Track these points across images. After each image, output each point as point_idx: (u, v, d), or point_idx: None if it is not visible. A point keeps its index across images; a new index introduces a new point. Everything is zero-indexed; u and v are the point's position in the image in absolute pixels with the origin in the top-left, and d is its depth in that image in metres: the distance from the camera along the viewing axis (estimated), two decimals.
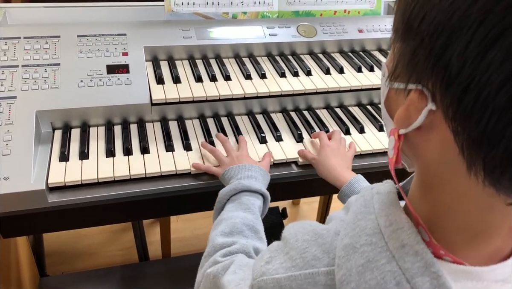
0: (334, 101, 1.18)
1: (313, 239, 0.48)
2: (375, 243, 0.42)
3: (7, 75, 0.97)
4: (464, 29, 0.32)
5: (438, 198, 0.41)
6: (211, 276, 0.63)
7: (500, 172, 0.33)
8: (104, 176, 0.89)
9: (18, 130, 0.90)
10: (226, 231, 0.72)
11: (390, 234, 0.41)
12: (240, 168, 0.86)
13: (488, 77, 0.31)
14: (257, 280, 0.49)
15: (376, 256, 0.41)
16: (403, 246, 0.40)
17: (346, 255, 0.43)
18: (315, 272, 0.45)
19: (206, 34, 1.18)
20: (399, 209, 0.43)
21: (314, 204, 2.12)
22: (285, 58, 1.22)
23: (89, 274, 1.57)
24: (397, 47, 0.40)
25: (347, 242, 0.44)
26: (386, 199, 0.45)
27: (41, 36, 1.05)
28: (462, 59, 0.32)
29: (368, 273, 0.41)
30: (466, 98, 0.32)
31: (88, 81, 1.00)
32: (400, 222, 0.42)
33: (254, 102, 1.11)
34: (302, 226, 0.51)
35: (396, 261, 0.40)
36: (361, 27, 1.31)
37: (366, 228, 0.43)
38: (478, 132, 0.33)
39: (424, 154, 0.41)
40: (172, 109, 1.06)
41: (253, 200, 0.80)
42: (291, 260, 0.48)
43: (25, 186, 0.82)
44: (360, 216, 0.45)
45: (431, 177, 0.42)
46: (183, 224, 2.00)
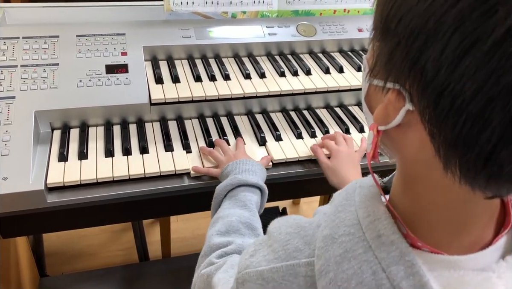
0: (334, 101, 1.18)
1: (296, 231, 0.49)
2: (353, 233, 0.43)
3: (6, 75, 0.97)
4: (439, 35, 0.32)
5: (418, 192, 0.42)
6: (205, 276, 0.63)
7: (474, 172, 0.34)
8: (103, 176, 0.88)
9: (17, 130, 0.89)
10: (222, 230, 0.72)
11: (368, 225, 0.42)
12: (237, 163, 0.86)
13: (462, 85, 0.31)
14: (241, 273, 0.50)
15: (354, 246, 0.42)
16: (379, 236, 0.41)
17: (325, 246, 0.44)
18: (296, 264, 0.46)
19: (205, 33, 1.18)
20: (378, 201, 0.44)
21: (314, 204, 2.12)
22: (285, 58, 1.22)
23: (89, 274, 1.57)
24: (376, 46, 0.40)
25: (326, 233, 0.45)
26: (367, 192, 0.46)
27: (40, 36, 1.05)
28: (437, 65, 0.32)
29: (346, 263, 0.41)
30: (441, 103, 0.33)
31: (87, 81, 1.00)
32: (377, 213, 0.43)
33: (254, 102, 1.11)
34: (286, 220, 0.52)
35: (372, 251, 0.41)
36: (360, 26, 1.31)
37: (345, 219, 0.44)
38: (453, 136, 0.33)
39: (403, 149, 0.41)
40: (171, 109, 1.05)
41: (250, 195, 0.80)
42: (274, 252, 0.48)
43: (24, 186, 0.82)
44: (341, 208, 0.46)
45: (411, 171, 0.42)
46: (183, 224, 1.99)
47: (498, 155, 0.32)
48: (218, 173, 0.90)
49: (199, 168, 0.92)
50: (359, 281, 0.40)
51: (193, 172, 0.92)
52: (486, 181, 0.34)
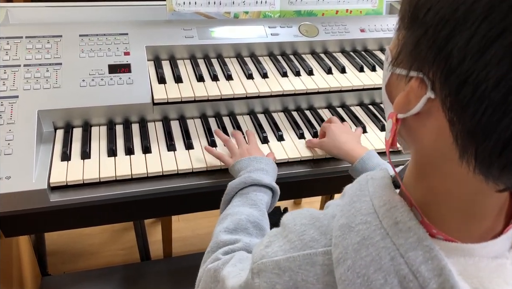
0: (336, 101, 1.18)
1: (311, 222, 0.50)
2: (370, 222, 0.43)
3: (9, 74, 0.97)
4: (467, 24, 0.33)
5: (431, 182, 0.43)
6: (211, 270, 0.63)
7: (489, 162, 0.35)
8: (106, 176, 0.88)
9: (20, 129, 0.90)
10: (230, 227, 0.72)
11: (384, 213, 0.43)
12: (251, 160, 0.86)
13: (486, 73, 0.32)
14: (256, 263, 0.50)
15: (371, 233, 0.43)
16: (396, 223, 0.42)
17: (342, 234, 0.44)
18: (313, 253, 0.47)
19: (207, 33, 1.18)
20: (392, 190, 0.45)
21: (315, 204, 2.12)
22: (287, 58, 1.22)
23: (90, 273, 1.58)
24: (402, 35, 0.41)
25: (343, 222, 0.45)
26: (381, 183, 0.47)
27: (43, 35, 1.05)
28: (463, 53, 0.33)
29: (364, 250, 0.42)
30: (464, 91, 0.34)
31: (90, 80, 1.00)
32: (393, 202, 0.43)
33: (256, 102, 1.11)
34: (300, 212, 0.53)
35: (390, 238, 0.41)
36: (363, 27, 1.31)
37: (361, 208, 0.45)
38: (473, 124, 0.34)
39: (420, 139, 0.42)
40: (173, 108, 1.06)
41: (261, 195, 0.80)
42: (290, 243, 0.49)
43: (27, 186, 0.82)
44: (356, 198, 0.47)
45: (426, 161, 0.43)
46: (184, 223, 1.99)
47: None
48: (229, 163, 0.90)
49: (212, 150, 0.93)
50: (378, 268, 0.41)
51: (206, 151, 0.93)
52: (500, 170, 0.35)
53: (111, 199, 0.89)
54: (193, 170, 0.93)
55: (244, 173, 0.83)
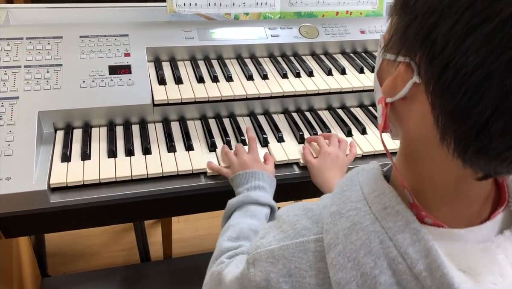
0: (336, 102, 1.18)
1: (303, 213, 0.52)
2: (359, 208, 0.45)
3: (10, 75, 0.97)
4: (452, 11, 0.35)
5: (418, 168, 0.45)
6: (215, 273, 0.65)
7: (466, 145, 0.37)
8: (106, 177, 0.89)
9: (20, 130, 0.90)
10: (233, 236, 0.74)
11: (373, 199, 0.45)
12: (249, 176, 0.87)
13: (466, 58, 0.34)
14: (252, 254, 0.52)
15: (361, 219, 0.44)
16: (385, 208, 0.44)
17: (333, 221, 0.46)
18: (305, 240, 0.48)
19: (208, 35, 1.18)
20: (382, 179, 0.47)
21: None
22: (287, 59, 1.22)
23: (90, 274, 1.58)
24: (394, 21, 0.43)
25: (334, 209, 0.47)
26: (370, 174, 0.48)
27: (43, 36, 1.06)
28: (446, 39, 0.35)
29: (354, 235, 0.44)
30: (446, 75, 0.36)
31: (90, 82, 1.00)
32: (382, 188, 0.46)
33: (256, 103, 1.11)
34: (294, 205, 0.55)
35: (379, 222, 0.43)
36: (363, 28, 1.31)
37: (351, 196, 0.47)
38: (452, 107, 0.36)
39: (406, 124, 0.44)
40: (174, 110, 1.06)
41: (260, 208, 0.82)
42: (283, 232, 0.51)
43: (27, 186, 0.82)
44: (346, 187, 0.49)
45: (412, 147, 0.45)
46: (184, 224, 1.99)
47: (489, 128, 0.35)
48: (228, 174, 0.91)
49: (213, 165, 0.93)
50: (368, 251, 0.42)
51: (208, 168, 0.93)
52: (475, 154, 0.37)
53: (111, 200, 0.89)
54: (193, 171, 0.93)
55: (243, 191, 0.84)
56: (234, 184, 0.88)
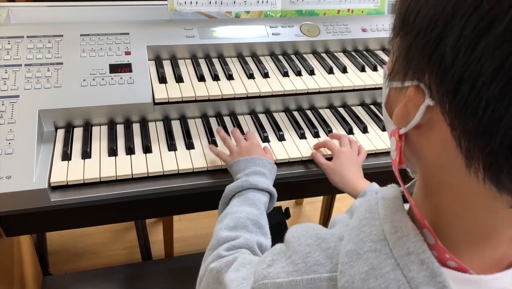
0: (337, 101, 1.18)
1: (316, 243, 0.47)
2: (380, 250, 0.41)
3: (10, 74, 0.97)
4: (457, 19, 0.32)
5: (440, 202, 0.40)
6: (214, 271, 0.63)
7: (498, 167, 0.32)
8: (106, 175, 0.88)
9: (21, 129, 0.90)
10: (230, 225, 0.72)
11: (395, 241, 0.40)
12: (248, 161, 0.86)
13: (481, 66, 0.30)
14: (258, 283, 0.48)
15: (381, 263, 0.40)
16: (408, 254, 0.39)
17: (349, 262, 0.42)
18: (317, 278, 0.44)
19: (209, 33, 1.18)
20: (404, 215, 0.42)
21: (317, 204, 2.12)
22: (288, 58, 1.22)
23: (92, 273, 1.58)
24: (395, 44, 0.40)
25: (350, 248, 0.43)
26: (392, 205, 0.43)
27: (44, 35, 1.05)
28: (455, 49, 0.32)
29: (372, 281, 0.40)
30: (461, 90, 0.32)
31: (90, 80, 1.00)
32: (406, 229, 0.41)
33: (257, 102, 1.11)
34: (306, 230, 0.50)
35: (401, 269, 0.39)
36: (364, 27, 1.31)
37: (371, 234, 0.42)
38: (474, 124, 0.32)
39: (425, 155, 0.40)
40: (174, 108, 1.06)
41: (259, 195, 0.80)
42: (293, 264, 0.47)
43: (27, 185, 0.82)
44: (365, 221, 0.44)
45: (433, 180, 0.41)
46: (186, 223, 1.99)
47: None
48: (227, 160, 0.90)
49: (212, 147, 0.94)
50: None
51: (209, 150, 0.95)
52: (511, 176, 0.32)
53: (112, 199, 0.89)
54: (193, 169, 0.93)
55: (242, 176, 0.83)
56: (233, 171, 0.87)
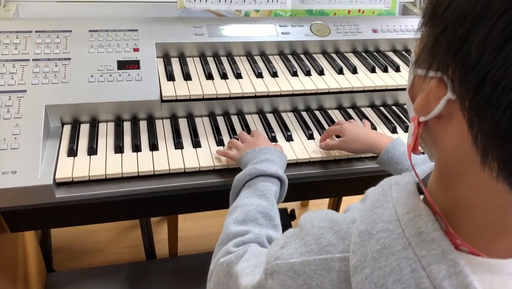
0: (347, 102, 1.16)
1: (329, 226, 0.48)
2: (392, 230, 0.41)
3: (18, 68, 0.96)
4: (485, 19, 0.32)
5: (455, 192, 0.41)
6: (224, 264, 0.62)
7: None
8: (112, 172, 0.88)
9: (27, 124, 0.89)
10: (239, 218, 0.71)
11: (407, 222, 0.41)
12: (256, 152, 0.85)
13: (505, 70, 0.30)
14: (271, 264, 0.49)
15: (392, 242, 0.40)
16: (419, 233, 0.39)
17: (361, 241, 0.42)
18: (329, 258, 0.45)
19: (218, 31, 1.17)
20: (417, 198, 0.43)
21: (323, 206, 2.10)
22: (298, 57, 1.20)
23: (95, 270, 1.57)
24: (423, 33, 0.40)
25: (363, 228, 0.43)
26: (405, 189, 0.44)
27: (52, 30, 1.05)
28: (481, 49, 0.32)
29: (383, 259, 0.40)
30: (482, 90, 0.32)
31: (98, 76, 0.99)
32: (418, 210, 0.41)
33: (265, 101, 1.10)
34: (319, 214, 0.51)
35: (412, 248, 0.39)
36: (375, 27, 1.29)
37: (383, 215, 0.43)
38: (492, 125, 0.32)
39: (443, 144, 0.40)
40: (182, 106, 1.05)
41: (269, 185, 0.79)
42: (306, 246, 0.47)
43: (32, 181, 0.82)
44: (378, 203, 0.44)
45: (449, 169, 0.41)
46: (190, 222, 1.98)
47: None
48: (235, 156, 0.89)
49: (219, 150, 0.93)
50: (397, 279, 0.39)
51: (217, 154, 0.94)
52: None
53: (117, 196, 0.88)
54: (200, 168, 0.92)
55: (250, 165, 0.82)
56: (242, 163, 0.86)
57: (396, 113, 1.15)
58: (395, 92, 1.18)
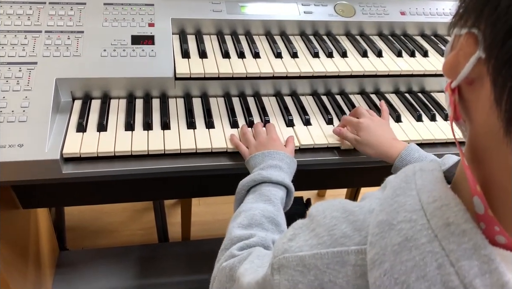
0: (370, 87, 1.10)
1: (344, 216, 0.43)
2: (415, 220, 0.36)
3: (30, 40, 0.94)
4: None
5: (486, 171, 0.36)
6: (226, 269, 0.59)
7: None
8: (121, 150, 0.84)
9: (37, 97, 0.86)
10: (244, 223, 0.68)
11: (433, 211, 0.36)
12: (265, 156, 0.81)
13: None
14: (278, 258, 0.44)
15: (416, 234, 0.36)
16: (448, 225, 0.35)
17: (380, 232, 0.38)
18: (344, 251, 0.40)
19: (237, 8, 1.12)
20: (445, 185, 0.38)
21: (340, 197, 2.05)
22: (320, 38, 1.14)
23: (107, 251, 1.57)
24: None
25: (382, 218, 0.39)
26: (431, 176, 0.39)
27: (66, 2, 1.02)
28: None
29: (405, 253, 0.36)
30: (509, 42, 0.29)
31: (111, 50, 0.96)
32: (445, 198, 0.36)
33: (283, 83, 1.05)
34: (331, 203, 0.46)
35: (439, 241, 0.35)
36: (403, 10, 1.22)
37: (406, 204, 0.38)
38: None
39: (475, 116, 0.36)
40: (196, 85, 1.00)
41: (275, 190, 0.75)
42: (318, 237, 0.43)
43: (39, 155, 0.79)
44: (400, 191, 0.39)
45: (480, 146, 0.37)
46: (204, 207, 1.96)
47: None
48: (245, 154, 0.85)
49: (235, 138, 0.89)
50: (421, 275, 0.35)
51: (229, 141, 0.90)
52: None
53: (125, 175, 0.85)
54: (212, 150, 0.88)
55: (257, 170, 0.78)
56: (250, 166, 0.82)
57: (422, 100, 1.08)
58: (421, 79, 1.11)
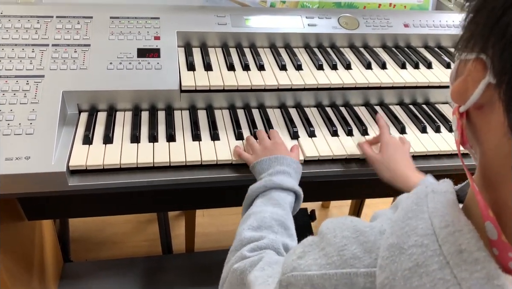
0: (374, 99, 1.11)
1: (354, 236, 0.43)
2: (427, 245, 0.36)
3: (37, 53, 0.95)
4: None
5: (499, 196, 0.35)
6: (237, 271, 0.59)
7: None
8: (127, 162, 0.85)
9: (44, 110, 0.87)
10: (254, 225, 0.68)
11: (446, 237, 0.35)
12: (272, 161, 0.81)
13: None
14: (286, 275, 0.44)
15: (427, 260, 0.35)
16: (460, 252, 0.34)
17: (390, 256, 0.37)
18: (353, 273, 0.40)
19: (241, 21, 1.13)
20: (457, 210, 0.37)
21: (344, 208, 2.04)
22: (324, 51, 1.15)
23: (112, 263, 1.56)
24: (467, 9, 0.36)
25: (393, 241, 0.38)
26: (443, 198, 0.39)
27: (73, 16, 1.03)
28: None
29: (416, 279, 0.35)
30: None
31: (117, 64, 0.97)
32: (458, 224, 0.36)
33: (288, 95, 1.05)
34: (342, 222, 0.46)
35: (450, 268, 0.34)
36: (407, 22, 1.23)
37: (417, 227, 0.37)
38: None
39: (486, 140, 0.36)
40: (201, 97, 1.01)
41: (284, 195, 0.76)
42: (327, 257, 0.43)
43: (45, 167, 0.80)
44: (411, 214, 0.39)
45: (492, 170, 0.36)
46: (209, 219, 1.96)
47: None
48: (250, 160, 0.85)
49: (237, 148, 0.89)
50: None
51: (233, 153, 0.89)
52: None
53: (131, 187, 0.85)
54: (217, 162, 0.88)
55: (265, 176, 0.79)
56: (256, 171, 0.82)
57: (426, 112, 1.09)
58: (426, 90, 1.12)
